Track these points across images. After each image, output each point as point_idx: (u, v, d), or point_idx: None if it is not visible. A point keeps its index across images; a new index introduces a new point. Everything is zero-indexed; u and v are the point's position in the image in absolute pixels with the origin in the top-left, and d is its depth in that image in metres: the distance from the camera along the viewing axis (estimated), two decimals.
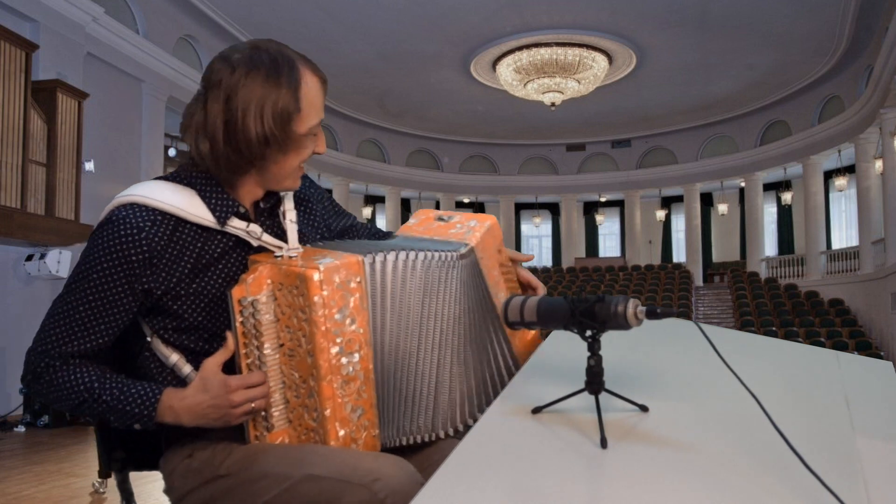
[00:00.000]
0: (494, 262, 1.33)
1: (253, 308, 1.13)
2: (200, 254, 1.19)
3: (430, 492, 0.77)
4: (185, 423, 1.15)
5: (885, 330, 12.98)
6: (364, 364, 1.14)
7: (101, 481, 4.71)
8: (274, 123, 1.13)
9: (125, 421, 1.15)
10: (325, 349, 1.10)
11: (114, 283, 1.13)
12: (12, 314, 7.89)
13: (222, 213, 1.19)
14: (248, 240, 1.21)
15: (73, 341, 1.14)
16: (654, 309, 0.96)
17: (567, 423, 0.96)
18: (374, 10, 12.58)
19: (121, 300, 1.15)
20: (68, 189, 8.18)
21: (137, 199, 1.16)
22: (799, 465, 0.81)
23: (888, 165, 13.01)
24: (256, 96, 1.12)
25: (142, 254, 1.13)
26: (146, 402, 1.14)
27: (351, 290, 1.13)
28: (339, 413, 1.12)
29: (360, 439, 1.15)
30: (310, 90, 1.16)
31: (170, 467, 1.24)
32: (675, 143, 20.30)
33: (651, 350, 1.35)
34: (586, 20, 13.26)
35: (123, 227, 1.13)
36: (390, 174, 20.20)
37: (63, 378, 1.14)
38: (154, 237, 1.14)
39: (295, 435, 1.16)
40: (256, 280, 1.13)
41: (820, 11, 12.59)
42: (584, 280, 18.85)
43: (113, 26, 10.20)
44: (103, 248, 1.13)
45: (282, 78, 1.13)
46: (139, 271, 1.14)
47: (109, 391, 1.14)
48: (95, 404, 1.14)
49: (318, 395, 1.11)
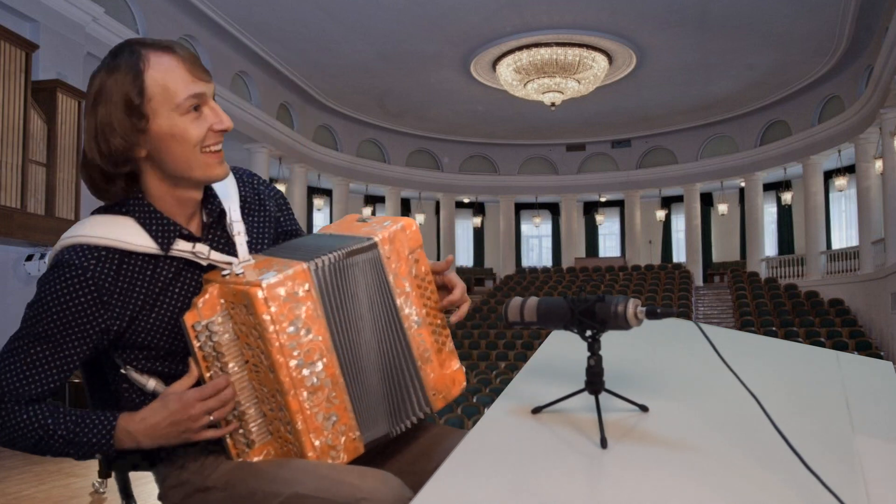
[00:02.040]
0: (404, 269, 1.23)
1: (209, 331, 1.11)
2: (152, 282, 1.17)
3: (431, 491, 0.77)
4: (145, 447, 1.13)
5: (885, 330, 12.98)
6: (330, 371, 1.13)
7: (101, 481, 4.71)
8: (123, 113, 1.09)
9: (84, 453, 1.13)
10: (284, 364, 1.08)
11: (64, 327, 1.12)
12: (12, 314, 7.87)
13: (164, 238, 1.16)
14: (197, 261, 1.18)
15: (26, 385, 1.12)
16: (654, 309, 0.96)
17: (567, 423, 0.96)
18: (374, 10, 12.58)
19: (73, 342, 1.13)
20: (68, 189, 8.19)
21: (78, 239, 1.14)
22: (799, 465, 0.81)
23: (888, 165, 13.01)
24: (103, 90, 1.10)
25: (90, 294, 1.12)
26: (102, 431, 1.12)
27: (300, 300, 1.10)
28: (311, 424, 1.11)
29: (339, 445, 1.14)
30: (158, 69, 1.10)
31: (161, 476, 1.23)
32: (675, 143, 20.30)
33: (651, 350, 1.35)
34: (586, 20, 13.26)
35: (68, 269, 1.12)
36: (390, 174, 20.19)
37: (17, 419, 1.12)
38: (100, 275, 1.13)
39: (278, 446, 1.15)
40: (208, 302, 1.12)
41: (820, 11, 12.59)
42: (584, 280, 18.85)
43: (113, 26, 10.20)
44: (51, 293, 1.12)
45: (120, 65, 1.10)
46: (90, 311, 1.12)
47: (64, 425, 1.12)
48: (52, 440, 1.12)
49: (287, 409, 1.10)
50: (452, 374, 1.28)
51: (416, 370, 1.23)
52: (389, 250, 1.21)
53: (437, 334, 1.27)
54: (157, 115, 1.11)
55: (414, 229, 1.26)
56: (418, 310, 1.24)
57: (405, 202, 21.32)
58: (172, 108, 1.11)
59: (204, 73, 1.14)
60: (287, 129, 16.22)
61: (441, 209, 21.69)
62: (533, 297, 1.10)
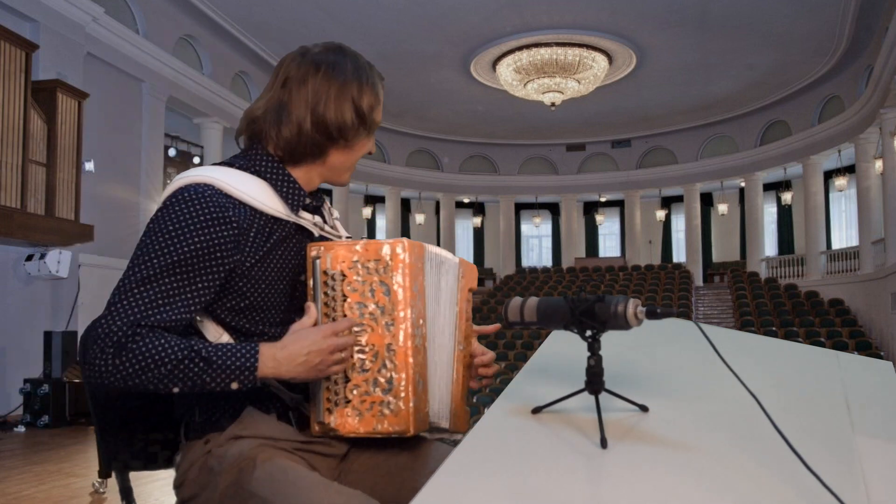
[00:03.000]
0: (464, 298, 1.36)
1: (333, 280, 1.18)
2: (268, 238, 1.22)
3: (431, 491, 0.77)
4: (283, 375, 1.14)
5: (885, 330, 12.98)
6: (423, 340, 1.21)
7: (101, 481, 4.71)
8: (364, 111, 1.28)
9: (224, 378, 1.11)
10: (406, 317, 1.16)
11: (202, 257, 1.13)
12: (12, 314, 7.89)
13: (294, 203, 1.26)
14: (312, 230, 1.28)
15: (161, 312, 1.10)
16: (654, 309, 0.96)
17: (567, 423, 0.96)
18: (374, 10, 12.58)
19: (207, 276, 1.14)
20: (68, 189, 8.19)
21: (214, 181, 1.18)
22: (799, 465, 0.81)
23: (888, 165, 13.01)
24: (345, 88, 1.26)
25: (231, 232, 1.15)
26: (248, 355, 1.12)
27: (420, 270, 1.21)
28: (412, 381, 1.16)
29: (423, 411, 1.19)
30: (381, 92, 1.32)
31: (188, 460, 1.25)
32: (675, 143, 20.30)
33: (651, 350, 1.35)
34: (586, 20, 13.27)
35: (211, 204, 1.15)
36: (390, 174, 20.20)
37: (155, 344, 1.08)
38: (239, 218, 1.17)
39: (355, 413, 1.18)
40: (334, 257, 1.19)
41: (820, 11, 12.59)
42: (584, 280, 18.85)
43: (113, 26, 10.20)
44: (190, 222, 1.13)
45: (365, 75, 1.28)
46: (228, 248, 1.15)
47: (206, 349, 1.11)
48: (193, 364, 1.09)
49: (395, 361, 1.16)
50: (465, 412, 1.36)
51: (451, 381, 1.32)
52: (462, 273, 1.36)
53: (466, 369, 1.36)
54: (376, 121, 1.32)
55: (475, 272, 1.42)
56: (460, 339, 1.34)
57: (405, 202, 21.32)
58: (371, 125, 1.31)
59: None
60: None
61: (441, 209, 21.70)
62: (533, 297, 1.10)
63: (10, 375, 7.71)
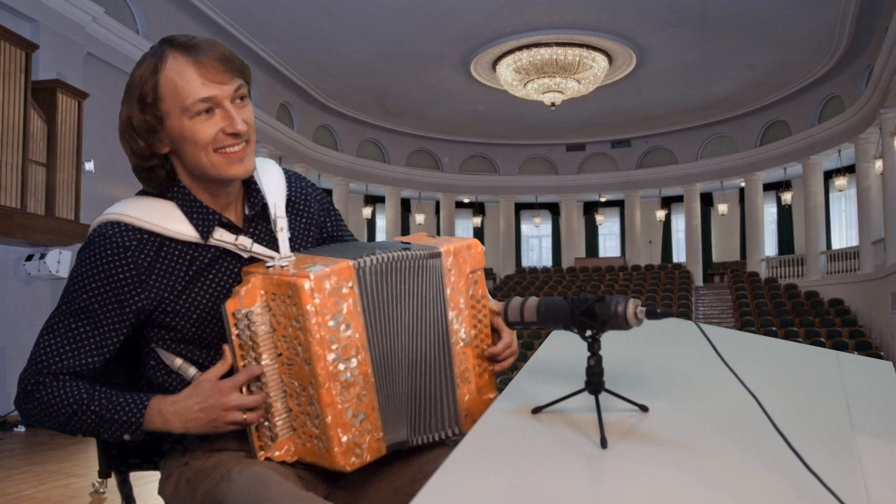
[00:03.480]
0: (462, 286, 1.24)
1: (248, 320, 1.12)
2: (189, 267, 1.18)
3: (431, 492, 0.77)
4: (175, 430, 1.14)
5: (885, 330, 12.98)
6: (363, 369, 1.14)
7: (101, 481, 4.71)
8: (139, 111, 1.13)
9: (114, 431, 1.14)
10: (322, 357, 1.10)
11: (103, 302, 1.13)
12: (12, 314, 7.89)
13: (204, 226, 1.18)
14: (238, 252, 1.20)
15: (64, 359, 1.13)
16: (654, 309, 0.96)
17: (567, 423, 0.96)
18: (374, 10, 12.58)
19: (110, 320, 1.14)
20: (68, 189, 8.19)
21: (119, 217, 1.15)
22: (799, 465, 0.81)
23: (888, 165, 13.01)
24: (129, 86, 1.15)
25: (129, 272, 1.13)
26: (134, 409, 1.13)
27: (343, 296, 1.12)
28: (341, 419, 1.12)
29: (364, 444, 1.14)
30: (172, 70, 1.11)
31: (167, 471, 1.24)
32: (675, 143, 20.30)
33: (651, 350, 1.35)
34: (586, 20, 13.26)
35: (109, 246, 1.13)
36: (390, 174, 20.19)
37: (53, 393, 1.12)
38: (140, 255, 1.14)
39: (300, 443, 1.16)
40: (249, 292, 1.13)
41: (820, 11, 12.59)
42: (584, 280, 18.85)
43: (113, 26, 10.20)
44: (91, 268, 1.13)
45: (144, 65, 1.13)
46: (128, 290, 1.14)
47: (98, 401, 1.13)
48: (84, 416, 1.13)
49: (318, 403, 1.11)
50: (488, 400, 1.27)
51: (452, 386, 1.24)
52: (451, 263, 1.23)
53: (481, 359, 1.28)
54: (169, 116, 1.13)
55: (479, 250, 1.27)
56: (468, 329, 1.25)
57: (405, 202, 21.32)
58: (182, 111, 1.12)
59: (222, 74, 1.13)
60: (287, 129, 16.22)
61: (441, 209, 21.69)
62: (533, 297, 1.10)
63: (10, 375, 7.71)
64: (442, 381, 1.23)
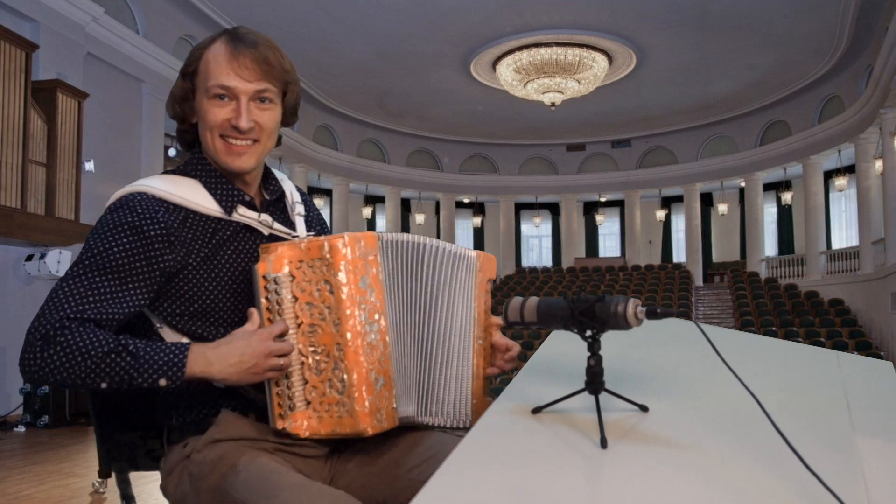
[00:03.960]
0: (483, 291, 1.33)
1: (276, 284, 1.15)
2: (211, 238, 1.21)
3: (431, 491, 0.77)
4: (214, 375, 1.12)
5: (885, 330, 12.98)
6: (382, 335, 1.17)
7: (101, 481, 4.71)
8: (181, 77, 1.24)
9: (151, 375, 1.08)
10: (353, 315, 1.13)
11: (134, 257, 1.13)
12: (12, 314, 7.89)
13: (228, 202, 1.23)
14: (260, 228, 1.25)
15: (91, 308, 1.09)
16: (654, 309, 0.96)
17: (567, 423, 0.96)
18: (374, 10, 12.58)
19: (140, 276, 1.14)
20: (68, 189, 8.19)
21: (145, 188, 1.19)
22: (799, 465, 0.81)
23: (888, 165, 13.01)
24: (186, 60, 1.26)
25: (160, 231, 1.15)
26: (176, 352, 1.11)
27: (370, 262, 1.17)
28: (366, 379, 1.14)
29: (383, 409, 1.16)
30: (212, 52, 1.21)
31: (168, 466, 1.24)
32: (675, 143, 20.30)
33: (651, 350, 1.35)
34: (586, 20, 13.26)
35: (139, 207, 1.15)
36: (390, 174, 20.19)
37: (82, 337, 1.06)
38: (169, 220, 1.17)
39: (315, 416, 1.16)
40: (277, 258, 1.16)
41: (820, 11, 12.59)
42: (584, 280, 18.85)
43: (113, 26, 10.20)
44: (122, 226, 1.14)
45: (202, 42, 1.24)
46: (159, 247, 1.15)
47: (135, 343, 1.09)
48: (119, 357, 1.07)
49: (345, 361, 1.13)
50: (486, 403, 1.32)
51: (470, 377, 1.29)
52: (480, 266, 1.32)
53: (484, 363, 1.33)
54: (197, 90, 1.23)
55: (494, 263, 1.38)
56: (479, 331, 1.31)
57: (405, 202, 21.32)
58: (205, 90, 1.21)
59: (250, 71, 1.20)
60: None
61: (441, 209, 21.69)
62: (533, 297, 1.10)
63: (10, 375, 7.71)
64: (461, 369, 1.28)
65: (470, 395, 1.29)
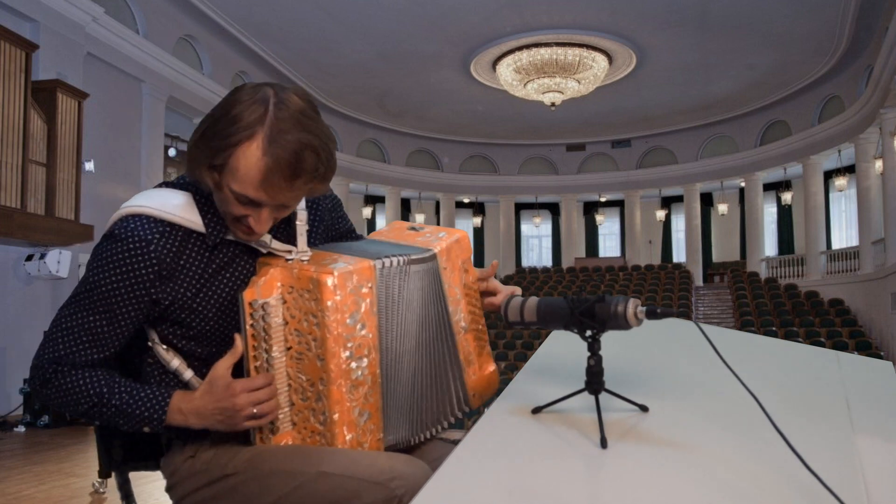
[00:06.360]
0: (457, 279, 1.30)
1: (263, 311, 1.13)
2: (209, 263, 1.18)
3: (431, 491, 0.77)
4: (193, 426, 1.16)
5: (885, 330, 12.98)
6: (372, 369, 1.15)
7: (101, 481, 4.71)
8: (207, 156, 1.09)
9: (134, 424, 1.16)
10: (337, 354, 1.11)
11: (123, 296, 1.13)
12: (12, 314, 7.89)
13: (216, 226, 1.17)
14: (257, 248, 1.20)
15: (83, 351, 1.14)
16: (654, 309, 0.96)
17: (567, 423, 0.96)
18: (374, 10, 12.58)
19: (129, 312, 1.15)
20: (68, 189, 8.19)
21: (140, 210, 1.15)
22: (799, 465, 0.81)
23: (888, 165, 13.01)
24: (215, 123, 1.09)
25: (151, 267, 1.13)
26: (156, 405, 1.15)
27: (363, 296, 1.14)
28: (347, 417, 1.12)
29: (366, 443, 1.15)
30: (244, 156, 1.06)
31: (171, 467, 1.24)
32: (675, 143, 20.30)
33: (651, 350, 1.35)
34: (586, 20, 13.26)
35: (131, 240, 1.12)
36: (390, 174, 20.19)
37: (73, 383, 1.14)
38: (163, 250, 1.14)
39: (300, 438, 1.16)
40: (267, 283, 1.13)
41: (820, 11, 12.59)
42: (584, 280, 18.85)
43: (113, 26, 10.20)
44: (112, 262, 1.13)
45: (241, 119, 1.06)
46: (148, 284, 1.14)
47: (119, 395, 1.15)
48: (105, 408, 1.15)
49: (327, 399, 1.11)
50: (489, 374, 1.35)
51: (460, 373, 1.30)
52: (446, 261, 1.28)
53: (479, 339, 1.34)
54: (221, 179, 1.10)
55: (466, 241, 1.33)
56: (465, 315, 1.31)
57: (405, 202, 21.32)
58: (228, 187, 1.09)
59: (280, 190, 1.08)
60: None
61: (441, 209, 21.69)
62: (533, 297, 1.10)
63: (10, 375, 7.71)
64: (449, 370, 1.28)
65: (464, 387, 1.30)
